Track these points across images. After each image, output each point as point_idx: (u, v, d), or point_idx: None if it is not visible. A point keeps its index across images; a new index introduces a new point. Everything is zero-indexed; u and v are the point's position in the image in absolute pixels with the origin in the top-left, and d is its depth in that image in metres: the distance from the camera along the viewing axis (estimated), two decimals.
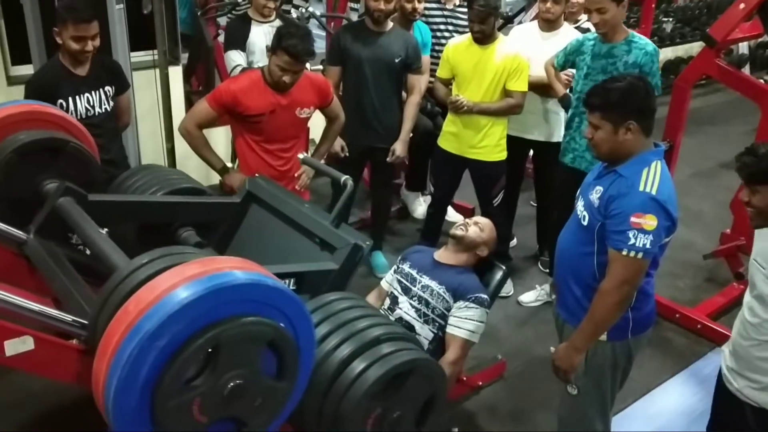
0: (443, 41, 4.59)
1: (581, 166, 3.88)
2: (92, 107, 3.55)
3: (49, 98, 3.23)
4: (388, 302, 3.27)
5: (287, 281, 2.36)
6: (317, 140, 4.02)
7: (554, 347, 2.75)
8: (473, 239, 3.22)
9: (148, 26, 4.14)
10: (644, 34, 4.87)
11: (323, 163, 3.81)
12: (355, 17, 5.52)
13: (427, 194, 5.47)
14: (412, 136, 4.45)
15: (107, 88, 3.61)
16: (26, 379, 3.11)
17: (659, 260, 2.55)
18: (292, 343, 1.86)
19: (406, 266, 3.28)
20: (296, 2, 5.38)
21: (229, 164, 3.83)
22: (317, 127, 4.01)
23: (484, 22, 4.04)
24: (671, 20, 9.48)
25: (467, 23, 4.34)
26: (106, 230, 2.47)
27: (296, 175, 3.72)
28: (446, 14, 4.93)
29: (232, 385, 1.77)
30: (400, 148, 4.35)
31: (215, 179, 4.25)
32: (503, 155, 4.33)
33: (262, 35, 4.34)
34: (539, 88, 4.32)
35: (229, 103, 3.47)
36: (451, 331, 3.10)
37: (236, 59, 4.32)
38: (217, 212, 3.09)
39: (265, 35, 4.30)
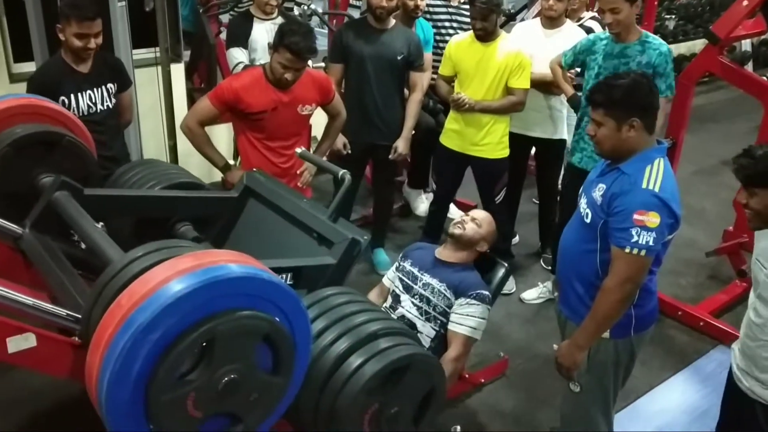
0: (447, 38, 4.56)
1: (588, 166, 3.83)
2: (94, 104, 3.55)
3: (51, 95, 3.22)
4: (390, 301, 3.26)
5: (284, 276, 2.35)
6: (319, 137, 4.02)
7: (557, 345, 2.75)
8: (471, 237, 3.20)
9: (150, 23, 4.13)
10: (646, 30, 4.83)
11: (325, 160, 3.79)
12: (356, 14, 5.51)
13: (429, 192, 5.46)
14: (414, 133, 4.44)
15: (109, 85, 3.61)
16: (28, 376, 3.10)
17: (662, 258, 2.53)
18: (287, 337, 1.85)
19: (407, 264, 3.27)
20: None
21: (231, 161, 3.82)
22: (319, 124, 4.00)
23: (486, 19, 4.02)
24: (674, 17, 9.45)
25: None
26: (102, 224, 2.46)
27: (298, 172, 3.71)
28: (451, 11, 4.92)
29: (226, 379, 1.75)
30: (402, 145, 4.34)
31: (217, 176, 4.25)
32: (505, 153, 4.31)
33: (264, 32, 4.34)
34: (542, 85, 4.30)
35: (230, 100, 3.47)
36: (452, 328, 3.09)
37: (238, 56, 4.33)
38: (214, 207, 3.07)
39: (267, 32, 4.30)
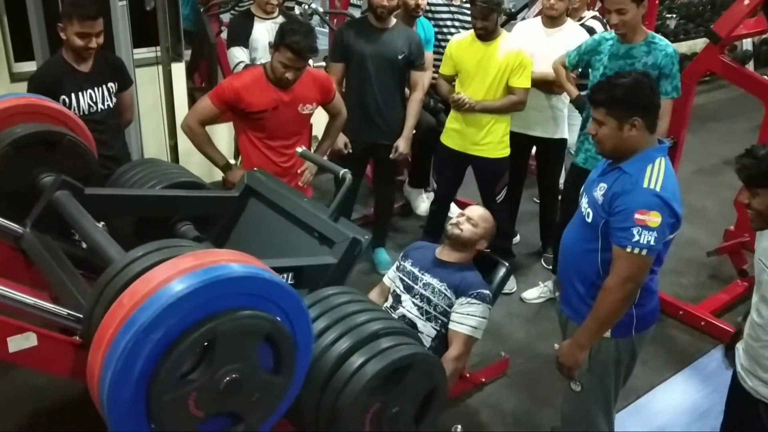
0: (449, 37, 4.54)
1: (592, 167, 3.81)
2: (95, 104, 3.55)
3: (51, 94, 3.22)
4: (391, 301, 3.26)
5: (285, 275, 2.35)
6: (320, 137, 4.01)
7: (558, 344, 2.74)
8: (469, 238, 3.19)
9: (150, 23, 4.13)
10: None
11: (326, 159, 3.79)
12: (357, 14, 5.51)
13: (430, 191, 5.46)
14: (415, 132, 4.44)
15: (110, 84, 3.61)
16: (29, 375, 3.11)
17: (663, 257, 2.53)
18: (289, 337, 1.85)
19: (407, 264, 3.26)
20: None
21: (231, 161, 3.82)
22: (320, 123, 4.00)
23: (486, 18, 4.02)
24: (675, 16, 9.44)
25: None
26: (103, 224, 2.45)
27: (299, 171, 3.71)
28: (453, 10, 4.92)
29: (228, 379, 1.75)
30: (403, 144, 4.34)
31: (218, 176, 4.25)
32: (506, 152, 4.31)
33: (264, 32, 4.33)
34: (543, 84, 4.29)
35: (231, 99, 3.46)
36: (453, 327, 3.09)
37: (239, 56, 4.32)
38: (215, 206, 3.07)
39: (267, 32, 4.30)
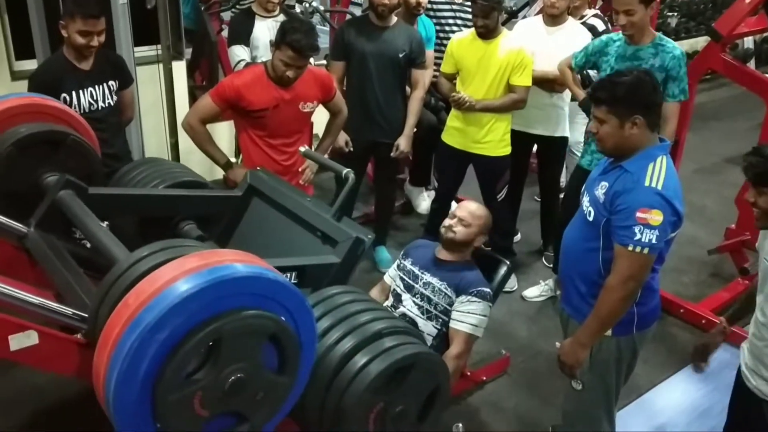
0: (451, 35, 4.52)
1: None
2: (96, 101, 3.55)
3: (52, 92, 3.23)
4: (391, 299, 3.27)
5: (289, 275, 2.35)
6: (321, 135, 4.01)
7: (559, 343, 2.74)
8: (464, 239, 3.19)
9: (151, 21, 4.13)
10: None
11: (327, 157, 3.79)
12: (358, 12, 5.50)
13: (431, 189, 5.45)
14: (416, 131, 4.44)
15: (111, 82, 3.61)
16: (30, 373, 3.11)
17: (665, 255, 2.53)
18: (293, 336, 1.85)
19: (408, 263, 3.27)
20: None
21: (232, 159, 3.82)
22: (321, 122, 4.00)
23: (487, 16, 4.02)
24: (676, 15, 9.43)
25: None
26: (106, 223, 2.46)
27: (300, 169, 3.71)
28: (455, 8, 4.91)
29: (233, 379, 1.76)
30: (404, 143, 4.34)
31: (219, 174, 4.25)
32: (507, 150, 4.31)
33: (265, 30, 4.33)
34: (544, 82, 4.29)
35: (232, 98, 3.46)
36: (454, 325, 3.09)
37: (240, 54, 4.32)
38: (218, 206, 3.08)
39: (268, 30, 4.29)
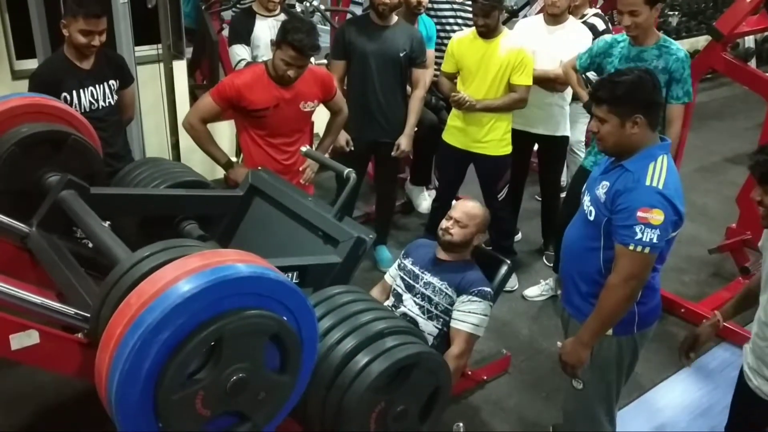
0: (451, 35, 4.53)
1: None
2: (96, 101, 3.55)
3: (53, 91, 3.23)
4: (392, 299, 3.27)
5: (290, 274, 2.35)
6: (322, 134, 4.01)
7: (560, 342, 2.74)
8: (461, 241, 3.20)
9: (152, 20, 4.13)
10: None
11: (328, 156, 3.79)
12: (358, 11, 5.51)
13: (431, 189, 5.46)
14: (416, 130, 4.44)
15: (111, 81, 3.62)
16: (32, 371, 3.12)
17: (666, 255, 2.53)
18: (295, 336, 1.86)
19: (408, 262, 3.27)
20: None
21: (233, 159, 3.82)
22: (321, 121, 4.00)
23: (488, 15, 4.02)
24: (677, 14, 9.44)
25: None
26: (108, 223, 2.46)
27: (300, 169, 3.71)
28: (455, 8, 4.91)
29: (234, 378, 1.76)
30: (404, 142, 4.34)
31: (220, 173, 4.24)
32: (508, 149, 4.31)
33: (266, 29, 4.33)
34: (544, 82, 4.29)
35: (233, 97, 3.46)
36: (455, 325, 3.09)
37: (241, 53, 4.32)
38: (220, 205, 3.08)
39: (269, 29, 4.29)
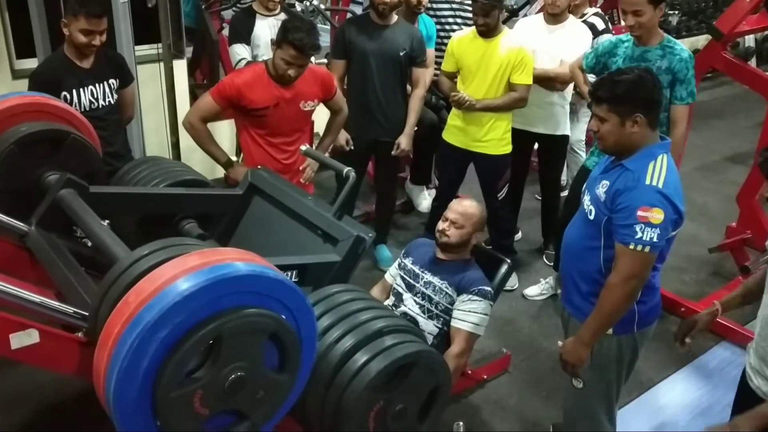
0: (451, 34, 4.53)
1: None
2: (96, 100, 3.56)
3: (53, 90, 3.24)
4: (392, 299, 3.27)
5: (289, 273, 2.35)
6: (322, 134, 4.01)
7: (561, 341, 2.74)
8: (458, 241, 3.19)
9: (152, 20, 4.13)
10: None
11: (328, 156, 3.80)
12: (359, 11, 5.50)
13: (431, 188, 5.46)
14: (416, 129, 4.44)
15: (111, 81, 3.62)
16: (32, 371, 3.12)
17: (666, 254, 2.53)
18: (293, 335, 1.86)
19: (408, 262, 3.27)
20: None
21: (233, 158, 3.82)
22: (321, 120, 4.00)
23: (488, 15, 4.02)
24: (677, 13, 9.43)
25: None
26: (107, 222, 2.46)
27: (300, 168, 3.71)
28: (455, 7, 4.91)
29: (233, 377, 1.76)
30: (404, 141, 4.34)
31: (220, 173, 4.24)
32: (508, 149, 4.31)
33: (266, 29, 4.33)
34: (544, 81, 4.29)
35: (233, 96, 3.46)
36: (455, 324, 3.09)
37: (241, 53, 4.32)
38: (219, 204, 3.08)
39: (269, 29, 4.29)
